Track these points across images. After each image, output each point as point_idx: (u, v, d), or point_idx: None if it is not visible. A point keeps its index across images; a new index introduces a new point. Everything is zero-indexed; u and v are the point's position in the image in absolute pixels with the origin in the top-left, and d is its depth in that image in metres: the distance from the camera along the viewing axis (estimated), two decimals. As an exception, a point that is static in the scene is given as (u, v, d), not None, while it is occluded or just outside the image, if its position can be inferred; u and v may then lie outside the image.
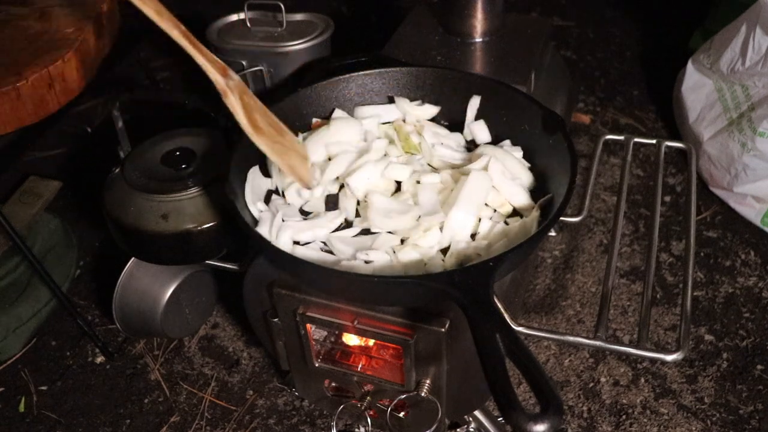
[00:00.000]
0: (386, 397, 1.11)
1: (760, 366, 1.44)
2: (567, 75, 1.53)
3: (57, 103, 1.28)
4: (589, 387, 1.42)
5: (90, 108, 2.19)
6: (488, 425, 1.23)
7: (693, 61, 1.90)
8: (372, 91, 1.15)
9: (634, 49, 2.48)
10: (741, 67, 1.69)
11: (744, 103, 1.69)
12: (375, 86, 1.15)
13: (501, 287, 1.06)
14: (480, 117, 1.12)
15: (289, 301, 1.03)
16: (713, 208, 1.81)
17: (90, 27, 1.33)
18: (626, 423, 1.35)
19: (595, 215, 1.81)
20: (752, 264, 1.66)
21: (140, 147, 1.17)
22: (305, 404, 1.40)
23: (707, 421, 1.34)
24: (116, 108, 1.21)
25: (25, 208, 1.59)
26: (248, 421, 1.37)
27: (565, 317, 1.55)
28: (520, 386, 1.35)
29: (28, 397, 1.43)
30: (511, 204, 0.98)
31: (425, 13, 1.46)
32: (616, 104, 2.20)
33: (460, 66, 1.30)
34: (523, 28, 1.40)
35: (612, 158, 1.99)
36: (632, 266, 1.66)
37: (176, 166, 1.12)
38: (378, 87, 1.15)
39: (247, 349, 1.51)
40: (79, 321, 1.43)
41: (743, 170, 1.67)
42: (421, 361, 1.00)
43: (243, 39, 1.63)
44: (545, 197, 0.96)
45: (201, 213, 1.07)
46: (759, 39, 1.62)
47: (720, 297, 1.59)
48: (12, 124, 1.25)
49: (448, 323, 0.94)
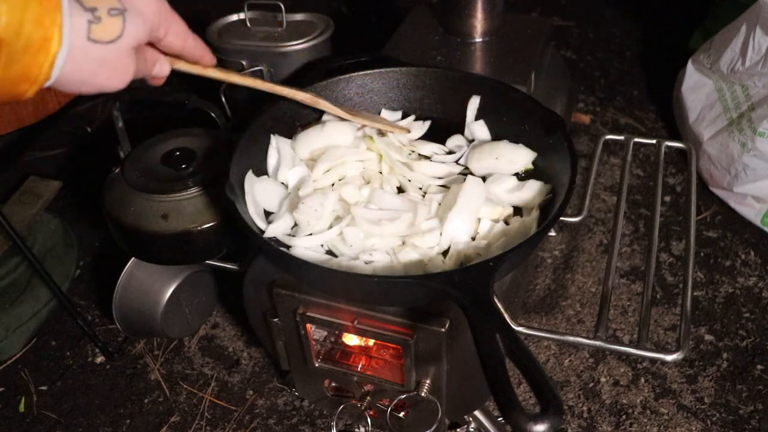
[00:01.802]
0: (386, 397, 1.11)
1: (760, 366, 1.44)
2: (567, 75, 1.53)
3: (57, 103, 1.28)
4: (589, 387, 1.42)
5: (90, 108, 2.19)
6: (488, 425, 1.23)
7: (693, 61, 1.90)
8: (372, 91, 1.15)
9: (634, 49, 2.48)
10: (741, 67, 1.69)
11: (744, 103, 1.69)
12: (375, 86, 1.15)
13: (501, 287, 1.06)
14: (480, 117, 1.12)
15: (289, 301, 1.03)
16: (713, 208, 1.81)
17: (90, 27, 1.33)
18: (626, 423, 1.35)
19: (595, 215, 1.81)
20: (752, 264, 1.66)
21: (140, 147, 1.17)
22: (305, 404, 1.40)
23: (707, 421, 1.34)
24: (116, 108, 1.21)
25: (25, 208, 1.59)
26: (248, 421, 1.37)
27: (565, 317, 1.55)
28: (520, 386, 1.35)
29: (28, 397, 1.43)
30: (510, 205, 0.98)
31: (425, 13, 1.46)
32: (616, 104, 2.20)
33: (460, 66, 1.30)
34: (523, 28, 1.40)
35: (612, 158, 1.99)
36: (632, 266, 1.66)
37: (176, 166, 1.12)
38: (378, 87, 1.15)
39: (247, 349, 1.51)
40: (79, 321, 1.43)
41: (743, 170, 1.67)
42: (421, 361, 1.00)
43: (243, 39, 1.63)
44: (545, 197, 0.96)
45: (201, 213, 1.07)
46: (759, 39, 1.62)
47: (720, 297, 1.59)
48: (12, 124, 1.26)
49: (448, 323, 0.94)
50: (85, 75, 0.61)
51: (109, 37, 0.62)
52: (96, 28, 0.60)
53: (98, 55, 0.61)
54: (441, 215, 0.95)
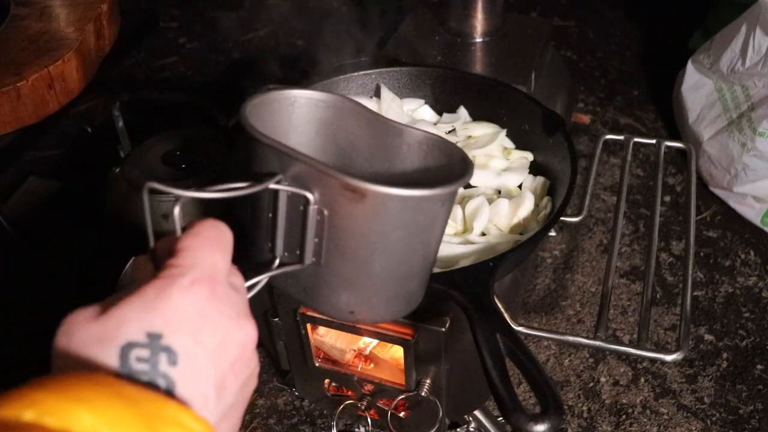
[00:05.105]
0: (386, 397, 1.11)
1: (760, 366, 1.44)
2: (567, 75, 1.53)
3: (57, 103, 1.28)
4: (589, 387, 1.42)
5: (90, 108, 2.19)
6: (488, 425, 1.23)
7: (693, 61, 1.90)
8: (372, 91, 1.15)
9: (634, 49, 2.48)
10: (741, 67, 1.69)
11: (744, 103, 1.69)
12: (375, 86, 1.15)
13: (501, 287, 1.06)
14: (480, 117, 1.12)
15: (290, 300, 1.03)
16: (713, 208, 1.81)
17: (90, 27, 1.33)
18: (626, 423, 1.35)
19: (595, 215, 1.81)
20: (752, 264, 1.66)
21: (140, 147, 1.17)
22: (305, 404, 1.40)
23: (707, 421, 1.34)
24: (116, 108, 1.21)
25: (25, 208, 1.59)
26: (248, 421, 1.37)
27: (565, 317, 1.55)
28: (520, 386, 1.35)
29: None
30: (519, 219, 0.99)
31: (425, 13, 1.46)
32: (616, 104, 2.20)
33: (460, 66, 1.30)
34: (523, 28, 1.40)
35: (612, 158, 1.99)
36: (632, 266, 1.66)
37: (176, 166, 1.12)
38: (378, 87, 1.15)
39: (247, 349, 1.51)
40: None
41: (743, 170, 1.67)
42: (421, 361, 1.00)
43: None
44: (545, 199, 0.96)
45: (201, 213, 1.07)
46: (759, 39, 1.62)
47: (720, 297, 1.59)
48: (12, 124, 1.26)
49: (448, 323, 0.94)
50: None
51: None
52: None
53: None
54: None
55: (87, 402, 0.33)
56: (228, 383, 0.42)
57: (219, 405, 0.41)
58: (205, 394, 0.40)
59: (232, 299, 0.44)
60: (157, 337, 0.39)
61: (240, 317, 0.44)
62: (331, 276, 0.59)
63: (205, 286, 0.42)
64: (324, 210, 0.55)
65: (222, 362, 0.41)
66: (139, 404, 0.35)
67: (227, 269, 0.46)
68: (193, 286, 0.41)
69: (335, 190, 0.53)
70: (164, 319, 0.39)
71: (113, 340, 0.38)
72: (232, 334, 0.42)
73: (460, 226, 0.96)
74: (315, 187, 0.54)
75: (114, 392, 0.35)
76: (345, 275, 0.59)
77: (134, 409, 0.35)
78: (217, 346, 0.41)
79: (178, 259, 0.43)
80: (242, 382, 0.44)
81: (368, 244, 0.56)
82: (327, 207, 0.54)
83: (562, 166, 0.96)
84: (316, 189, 0.54)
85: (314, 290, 0.61)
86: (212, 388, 0.40)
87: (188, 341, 0.40)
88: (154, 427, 0.35)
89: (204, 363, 0.40)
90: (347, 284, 0.60)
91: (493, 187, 1.03)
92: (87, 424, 0.32)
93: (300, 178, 0.54)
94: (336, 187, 0.53)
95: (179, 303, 0.40)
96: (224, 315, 0.42)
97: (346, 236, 0.56)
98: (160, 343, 0.39)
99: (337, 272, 0.59)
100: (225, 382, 0.42)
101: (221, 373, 0.41)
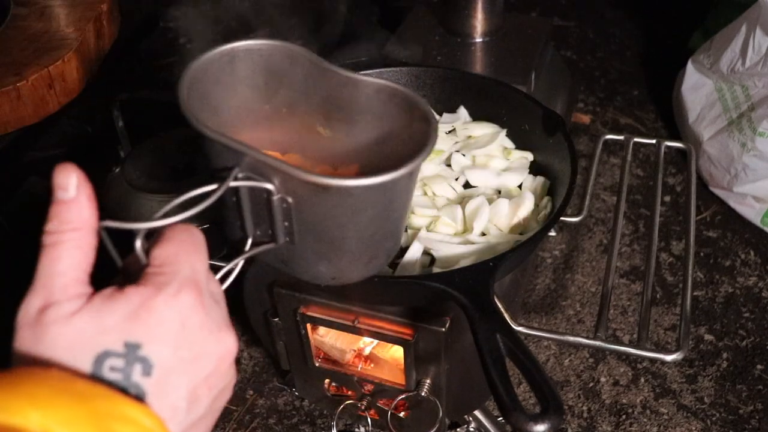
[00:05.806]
0: (386, 397, 1.11)
1: (760, 366, 1.44)
2: (567, 75, 1.53)
3: (57, 103, 1.29)
4: (589, 387, 1.42)
5: (90, 108, 2.19)
6: (488, 425, 1.23)
7: (693, 61, 1.90)
8: (372, 91, 1.15)
9: (634, 49, 2.48)
10: (741, 67, 1.69)
11: (744, 103, 1.69)
12: (375, 86, 1.15)
13: (501, 287, 1.06)
14: (480, 117, 1.12)
15: (290, 300, 1.03)
16: (713, 208, 1.81)
17: (90, 27, 1.33)
18: (626, 423, 1.35)
19: (595, 215, 1.81)
20: (752, 264, 1.66)
21: (140, 147, 1.16)
22: (305, 404, 1.40)
23: (707, 421, 1.34)
24: (116, 108, 1.21)
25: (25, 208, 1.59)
26: (248, 421, 1.37)
27: (565, 317, 1.55)
28: (520, 386, 1.35)
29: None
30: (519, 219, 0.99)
31: (425, 13, 1.46)
32: (616, 104, 2.20)
33: (460, 66, 1.30)
34: (523, 28, 1.40)
35: (612, 158, 1.99)
36: (632, 266, 1.66)
37: (176, 165, 1.12)
38: (378, 87, 1.15)
39: (247, 349, 1.51)
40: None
41: (743, 170, 1.67)
42: (421, 361, 1.00)
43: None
44: (545, 199, 0.97)
45: (201, 213, 1.07)
46: (759, 39, 1.62)
47: (720, 297, 1.59)
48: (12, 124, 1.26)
49: (448, 323, 0.94)
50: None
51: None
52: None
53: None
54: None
55: (36, 399, 0.33)
56: (200, 395, 0.42)
57: (188, 417, 0.41)
58: (175, 406, 0.40)
59: (213, 311, 0.43)
60: (134, 347, 0.38)
61: (220, 330, 0.43)
62: (307, 252, 0.59)
63: (191, 293, 0.41)
64: (288, 198, 0.54)
65: (197, 374, 0.41)
66: (91, 401, 0.35)
67: (206, 270, 0.46)
68: (179, 293, 0.41)
69: (295, 182, 0.52)
70: (146, 330, 0.39)
71: (90, 347, 0.38)
72: (211, 347, 0.42)
73: (460, 226, 0.96)
74: (274, 176, 0.53)
75: (64, 388, 0.35)
76: (320, 251, 0.59)
77: (85, 405, 0.34)
78: (193, 358, 0.41)
79: (161, 267, 0.43)
80: (215, 396, 0.43)
81: (338, 225, 0.56)
82: (290, 195, 0.54)
83: (562, 166, 0.96)
84: (276, 178, 0.53)
85: (293, 262, 0.61)
86: (183, 400, 0.40)
87: (166, 352, 0.39)
88: (106, 424, 0.34)
89: (178, 375, 0.40)
90: (324, 257, 0.60)
91: (493, 187, 1.03)
92: (36, 422, 0.32)
93: (257, 168, 0.53)
94: (295, 181, 0.52)
95: (164, 314, 0.40)
96: (205, 328, 0.42)
97: (315, 220, 0.56)
98: (137, 354, 0.38)
99: (312, 249, 0.59)
100: (197, 393, 0.41)
101: (194, 385, 0.41)
